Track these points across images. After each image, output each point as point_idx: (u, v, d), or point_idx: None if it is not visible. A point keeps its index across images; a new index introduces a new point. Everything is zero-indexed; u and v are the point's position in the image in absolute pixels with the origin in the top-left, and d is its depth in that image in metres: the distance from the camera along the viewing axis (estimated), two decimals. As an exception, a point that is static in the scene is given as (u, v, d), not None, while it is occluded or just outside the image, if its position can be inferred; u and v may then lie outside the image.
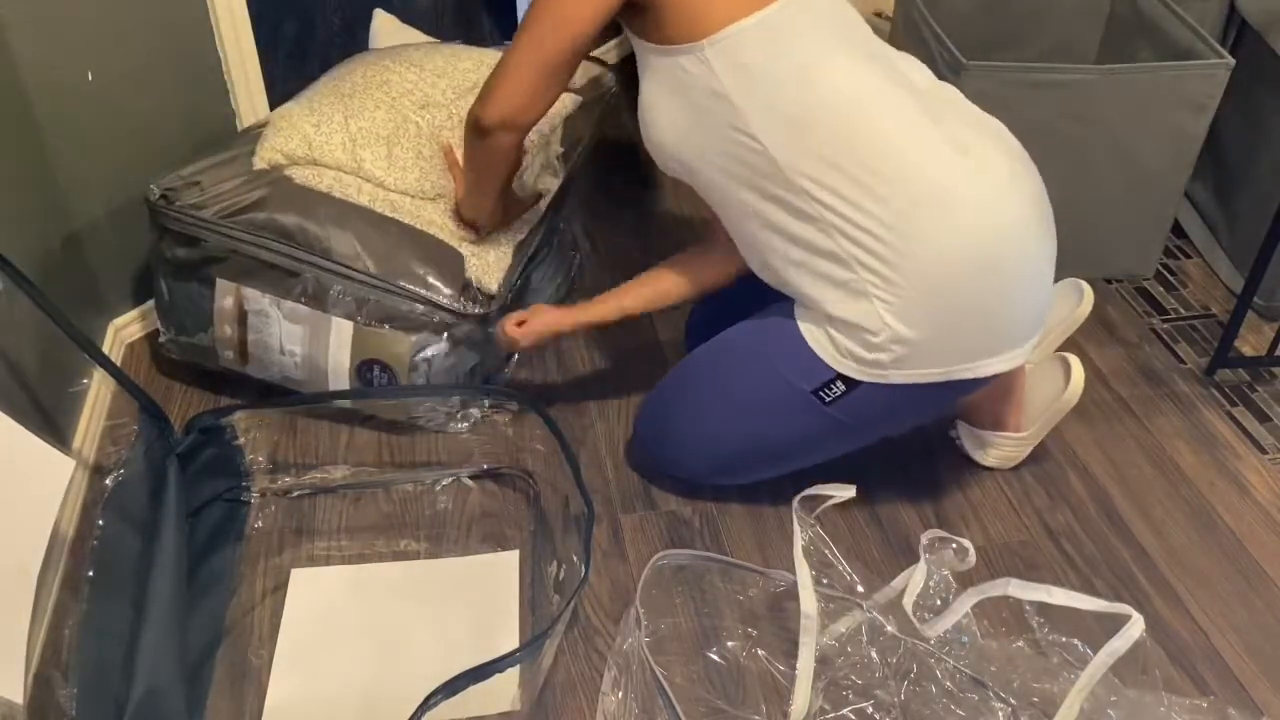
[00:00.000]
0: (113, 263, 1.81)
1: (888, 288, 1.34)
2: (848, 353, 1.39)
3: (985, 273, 1.36)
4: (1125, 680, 1.34)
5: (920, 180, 1.33)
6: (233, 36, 1.80)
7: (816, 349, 1.41)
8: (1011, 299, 1.39)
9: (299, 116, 1.68)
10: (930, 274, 1.34)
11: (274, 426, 1.72)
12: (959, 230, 1.34)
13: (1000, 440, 1.66)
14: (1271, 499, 1.67)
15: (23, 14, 1.54)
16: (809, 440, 1.51)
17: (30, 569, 1.29)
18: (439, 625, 1.45)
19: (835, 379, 1.41)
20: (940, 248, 1.33)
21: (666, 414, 1.62)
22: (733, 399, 1.53)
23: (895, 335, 1.35)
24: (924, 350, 1.37)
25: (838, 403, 1.43)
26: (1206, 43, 1.89)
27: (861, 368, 1.39)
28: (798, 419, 1.47)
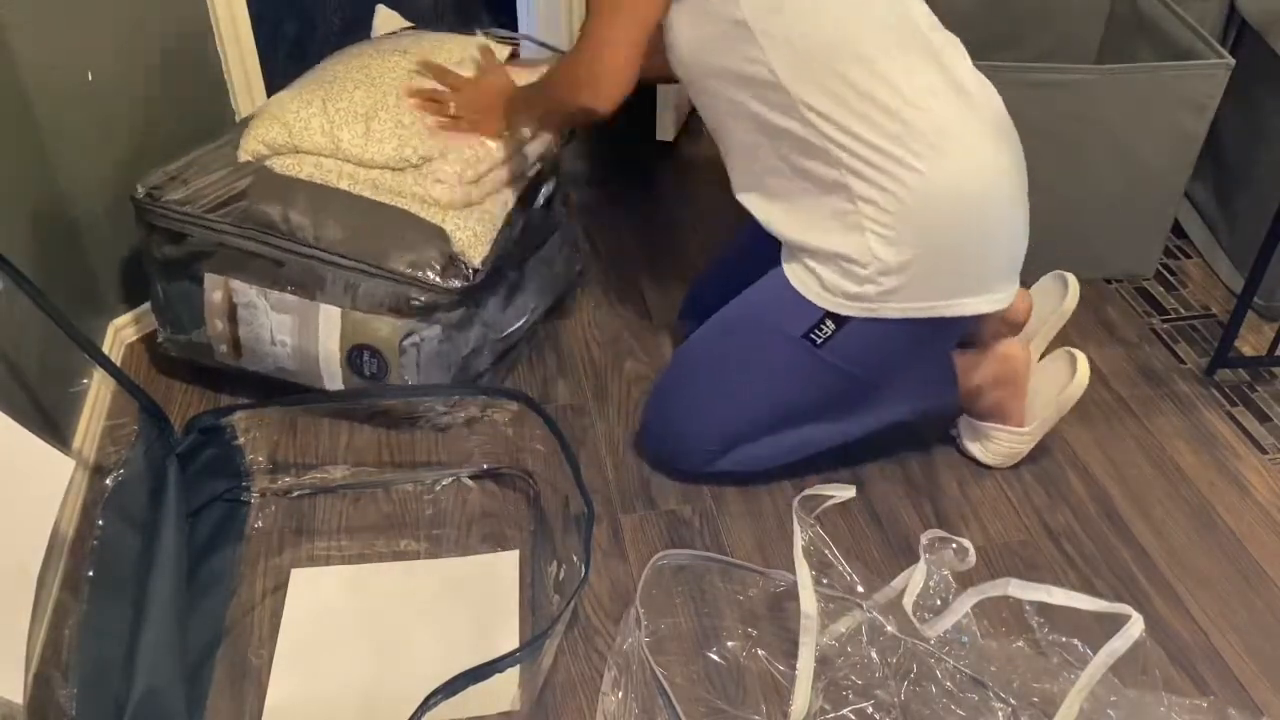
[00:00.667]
0: (113, 263, 1.81)
1: (880, 217, 1.39)
2: (834, 288, 1.43)
3: (975, 210, 1.42)
4: (1125, 680, 1.34)
5: (924, 115, 1.38)
6: (233, 36, 1.80)
7: (802, 289, 1.46)
8: (996, 239, 1.46)
9: (280, 105, 1.67)
10: (924, 205, 1.39)
11: (274, 426, 1.72)
12: (956, 165, 1.39)
13: (1001, 435, 1.66)
14: (1271, 499, 1.67)
15: (23, 14, 1.54)
16: (809, 392, 1.54)
17: (30, 569, 1.29)
18: (439, 625, 1.45)
19: (824, 318, 1.45)
20: (936, 180, 1.38)
21: (671, 400, 1.63)
22: (730, 364, 1.56)
23: (883, 266, 1.40)
24: (910, 284, 1.41)
25: (829, 344, 1.46)
26: (1206, 43, 1.89)
27: (847, 301, 1.43)
28: (794, 369, 1.50)
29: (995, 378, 1.63)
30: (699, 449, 1.61)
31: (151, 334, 1.91)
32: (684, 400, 1.61)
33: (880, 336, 1.46)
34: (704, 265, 1.93)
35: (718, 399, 1.57)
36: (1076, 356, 1.63)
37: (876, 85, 1.37)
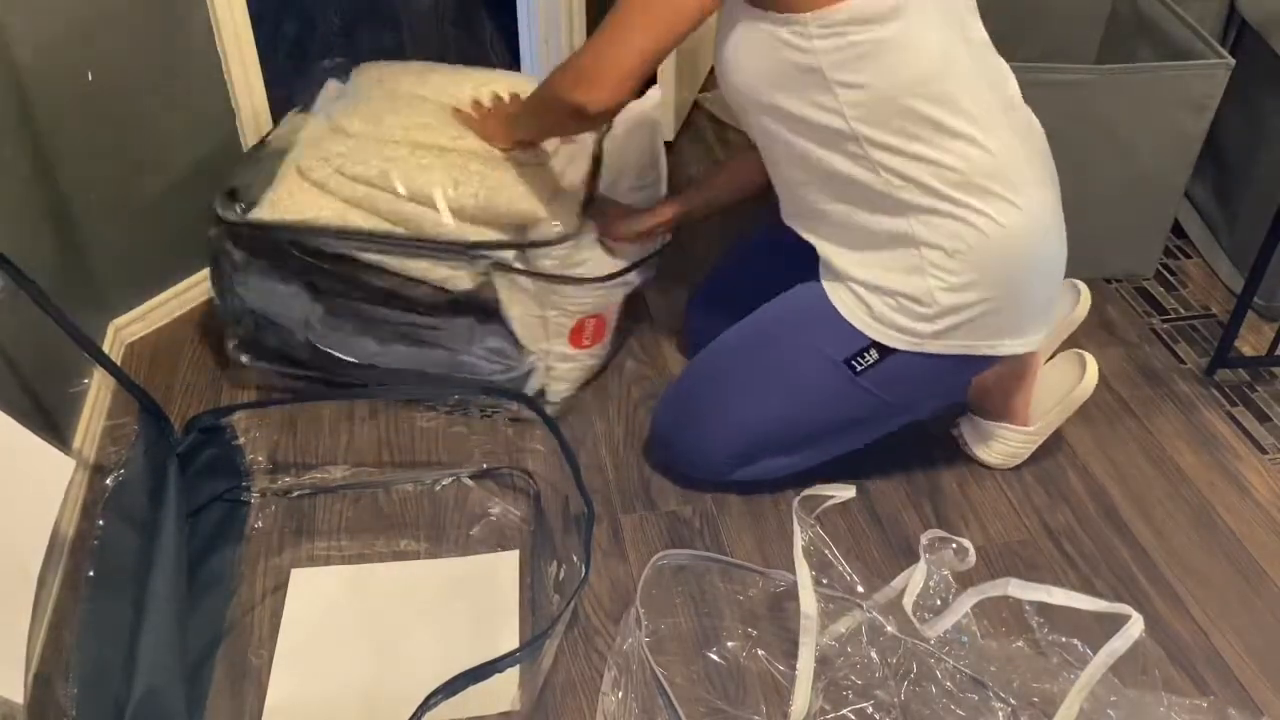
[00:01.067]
0: (113, 263, 1.81)
1: (946, 264, 1.38)
2: (885, 319, 1.42)
3: (1034, 254, 1.42)
4: (1125, 680, 1.34)
5: (992, 160, 1.36)
6: (233, 36, 1.80)
7: (848, 315, 1.44)
8: (1046, 282, 1.46)
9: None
10: (993, 252, 1.38)
11: (274, 426, 1.73)
12: (1021, 212, 1.38)
13: (1006, 434, 1.66)
14: (1271, 499, 1.67)
15: (23, 14, 1.54)
16: (834, 418, 1.53)
17: (30, 569, 1.29)
18: (439, 625, 1.45)
19: (869, 347, 1.44)
20: (1004, 228, 1.37)
21: (690, 403, 1.61)
22: (759, 377, 1.54)
23: (943, 309, 1.39)
24: (965, 324, 1.41)
25: (868, 373, 1.45)
26: (1206, 43, 1.89)
27: (898, 335, 1.42)
28: (826, 392, 1.49)
29: (1004, 376, 1.63)
30: (719, 459, 1.60)
31: (151, 334, 1.91)
32: (708, 408, 1.59)
33: (920, 370, 1.45)
34: (705, 266, 1.92)
35: (745, 410, 1.56)
36: (1086, 358, 1.63)
37: (944, 125, 1.34)
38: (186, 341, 1.89)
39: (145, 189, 1.80)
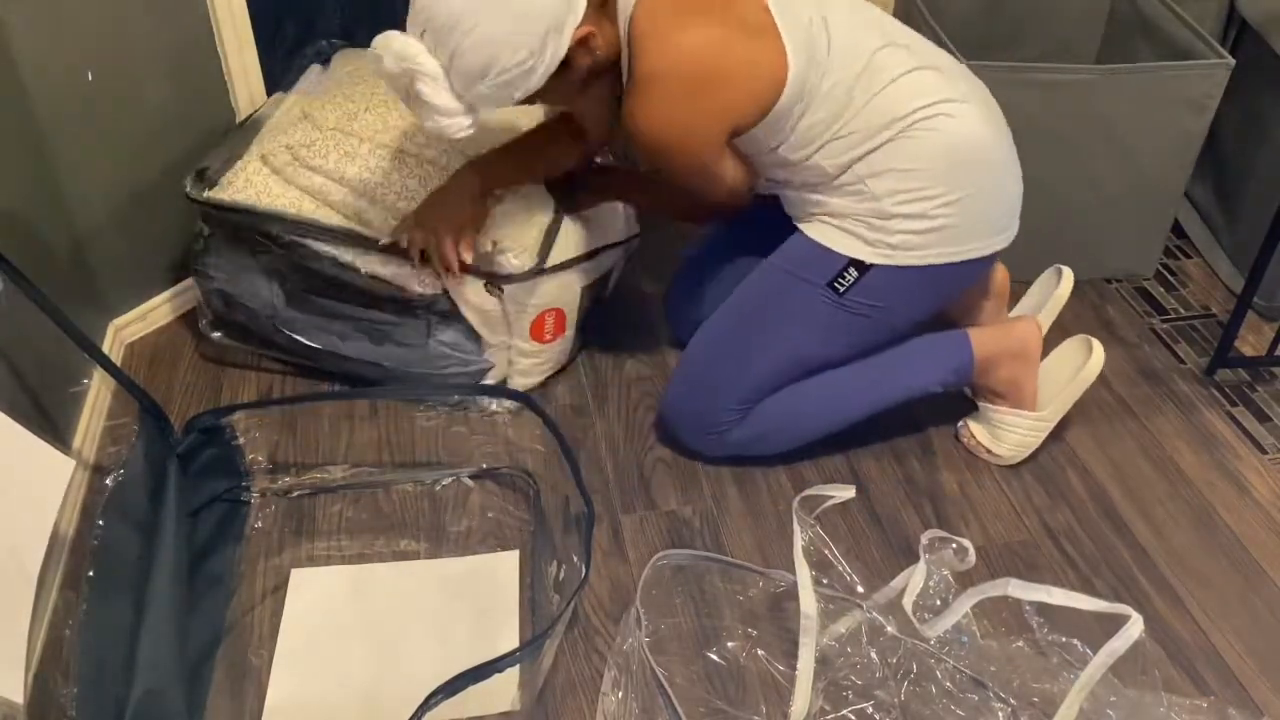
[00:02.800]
0: (113, 263, 1.81)
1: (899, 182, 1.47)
2: (859, 236, 1.51)
3: (982, 153, 1.50)
4: (1125, 680, 1.34)
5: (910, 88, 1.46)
6: (233, 36, 1.80)
7: (825, 241, 1.53)
8: (1002, 187, 1.54)
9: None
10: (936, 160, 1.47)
11: (274, 426, 1.72)
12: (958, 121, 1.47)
13: (1015, 420, 1.67)
14: (1271, 499, 1.67)
15: (23, 14, 1.54)
16: (831, 338, 1.59)
17: (30, 569, 1.29)
18: (439, 625, 1.45)
19: (848, 265, 1.51)
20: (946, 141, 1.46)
21: (701, 362, 1.64)
22: (753, 319, 1.60)
23: (906, 224, 1.48)
24: (928, 235, 1.49)
25: (852, 291, 1.52)
26: (1206, 43, 1.89)
27: (869, 249, 1.50)
28: (816, 315, 1.56)
29: (1009, 351, 1.65)
30: (716, 412, 1.61)
31: (151, 334, 1.91)
32: (716, 360, 1.63)
33: (901, 283, 1.52)
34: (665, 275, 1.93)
35: (740, 352, 1.60)
36: (1092, 342, 1.65)
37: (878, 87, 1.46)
38: (186, 341, 1.89)
39: (145, 189, 1.79)
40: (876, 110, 1.45)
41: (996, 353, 1.64)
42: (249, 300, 1.74)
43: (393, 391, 1.77)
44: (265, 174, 1.68)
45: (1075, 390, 1.65)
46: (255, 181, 1.67)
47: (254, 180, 1.67)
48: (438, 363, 1.74)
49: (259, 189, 1.66)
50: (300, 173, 1.66)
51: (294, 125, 1.72)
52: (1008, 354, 1.65)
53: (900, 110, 1.45)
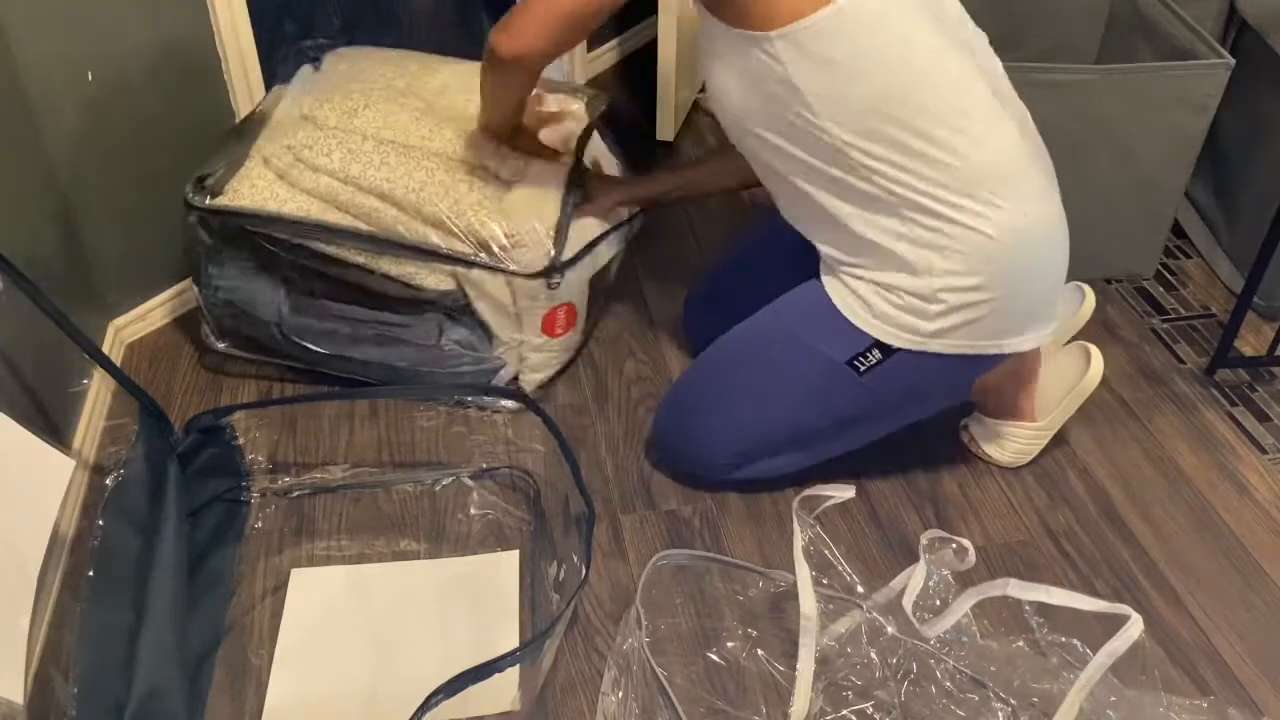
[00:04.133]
0: (113, 263, 1.81)
1: (950, 265, 1.38)
2: (887, 317, 1.42)
3: (1035, 254, 1.42)
4: (1125, 680, 1.34)
5: (986, 163, 1.36)
6: (233, 36, 1.80)
7: (849, 314, 1.44)
8: (1048, 282, 1.47)
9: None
10: (996, 254, 1.38)
11: (274, 426, 1.72)
12: (1022, 213, 1.39)
13: (1015, 431, 1.66)
14: (1271, 499, 1.67)
15: (23, 14, 1.54)
16: (838, 418, 1.53)
17: (30, 569, 1.29)
18: (439, 625, 1.45)
19: (872, 346, 1.44)
20: (1004, 229, 1.37)
21: (692, 403, 1.61)
22: (762, 377, 1.53)
23: (947, 307, 1.40)
24: (967, 324, 1.41)
25: (872, 372, 1.45)
26: (1206, 43, 1.89)
27: (903, 334, 1.42)
28: (829, 393, 1.49)
29: (1007, 376, 1.62)
30: (720, 459, 1.60)
31: (151, 334, 1.91)
32: (709, 407, 1.59)
33: (924, 369, 1.44)
34: (704, 265, 1.93)
35: (746, 411, 1.56)
36: (1090, 349, 1.63)
37: (936, 134, 1.33)
38: (186, 341, 1.89)
39: (145, 189, 1.79)
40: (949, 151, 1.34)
41: (993, 381, 1.61)
42: (255, 310, 1.73)
43: (393, 391, 1.77)
44: (269, 178, 1.66)
45: (1075, 401, 1.64)
46: (260, 186, 1.65)
47: (258, 185, 1.65)
48: (450, 362, 1.73)
49: (264, 194, 1.64)
50: (305, 174, 1.64)
51: (295, 126, 1.71)
52: (1005, 378, 1.62)
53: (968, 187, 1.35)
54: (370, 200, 1.63)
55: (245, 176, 1.66)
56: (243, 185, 1.65)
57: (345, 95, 1.75)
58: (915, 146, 1.33)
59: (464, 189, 1.64)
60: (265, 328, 1.74)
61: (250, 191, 1.65)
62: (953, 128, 1.34)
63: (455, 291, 1.66)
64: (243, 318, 1.74)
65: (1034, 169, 1.43)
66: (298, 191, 1.65)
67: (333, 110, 1.72)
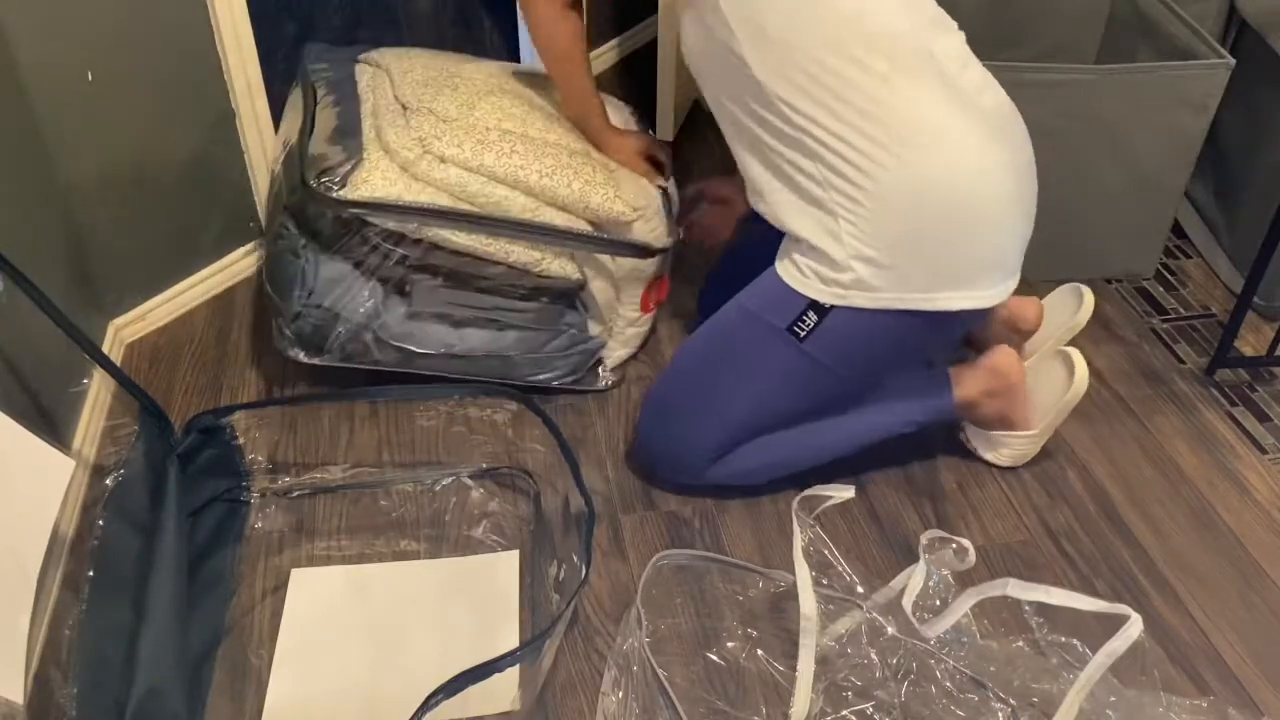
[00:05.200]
0: (113, 263, 1.81)
1: (854, 207, 1.41)
2: (811, 273, 1.46)
3: (954, 205, 1.42)
4: (1125, 680, 1.34)
5: (901, 111, 1.39)
6: (233, 36, 1.80)
7: (787, 279, 1.48)
8: (979, 235, 1.45)
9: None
10: (896, 199, 1.40)
11: (274, 426, 1.73)
12: (934, 161, 1.40)
13: (1010, 439, 1.66)
14: (1271, 499, 1.67)
15: (23, 14, 1.54)
16: (794, 389, 1.54)
17: (30, 569, 1.29)
18: (439, 625, 1.45)
19: (806, 309, 1.46)
20: (910, 175, 1.40)
21: (666, 402, 1.62)
22: (719, 362, 1.56)
23: (855, 252, 1.42)
24: (885, 276, 1.42)
25: (812, 337, 1.47)
26: (1206, 43, 1.89)
27: (823, 286, 1.45)
28: (778, 364, 1.51)
29: (988, 390, 1.62)
30: (691, 453, 1.59)
31: (152, 334, 1.91)
32: (676, 402, 1.60)
33: (862, 330, 1.46)
34: (703, 266, 1.93)
35: (708, 398, 1.57)
36: (1072, 356, 1.61)
37: (853, 78, 1.38)
38: (186, 341, 1.89)
39: (145, 189, 1.80)
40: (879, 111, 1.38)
41: (977, 394, 1.62)
42: (349, 311, 1.66)
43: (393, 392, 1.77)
44: (395, 170, 1.59)
45: (1063, 411, 1.63)
46: (391, 177, 1.58)
47: (389, 176, 1.58)
48: (562, 345, 1.75)
49: (396, 185, 1.58)
50: (434, 165, 1.58)
51: (411, 120, 1.64)
52: (989, 393, 1.62)
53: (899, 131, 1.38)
54: (500, 190, 1.60)
55: (373, 168, 1.58)
56: (372, 176, 1.57)
57: (453, 89, 1.71)
58: (832, 83, 1.38)
59: (586, 171, 1.65)
60: (358, 332, 1.68)
61: (381, 183, 1.57)
62: (865, 74, 1.38)
63: (580, 276, 1.69)
64: (332, 323, 1.67)
65: (956, 121, 1.42)
66: (423, 184, 1.60)
67: (450, 102, 1.67)
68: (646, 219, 1.67)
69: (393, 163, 1.60)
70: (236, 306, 1.97)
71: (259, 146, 1.93)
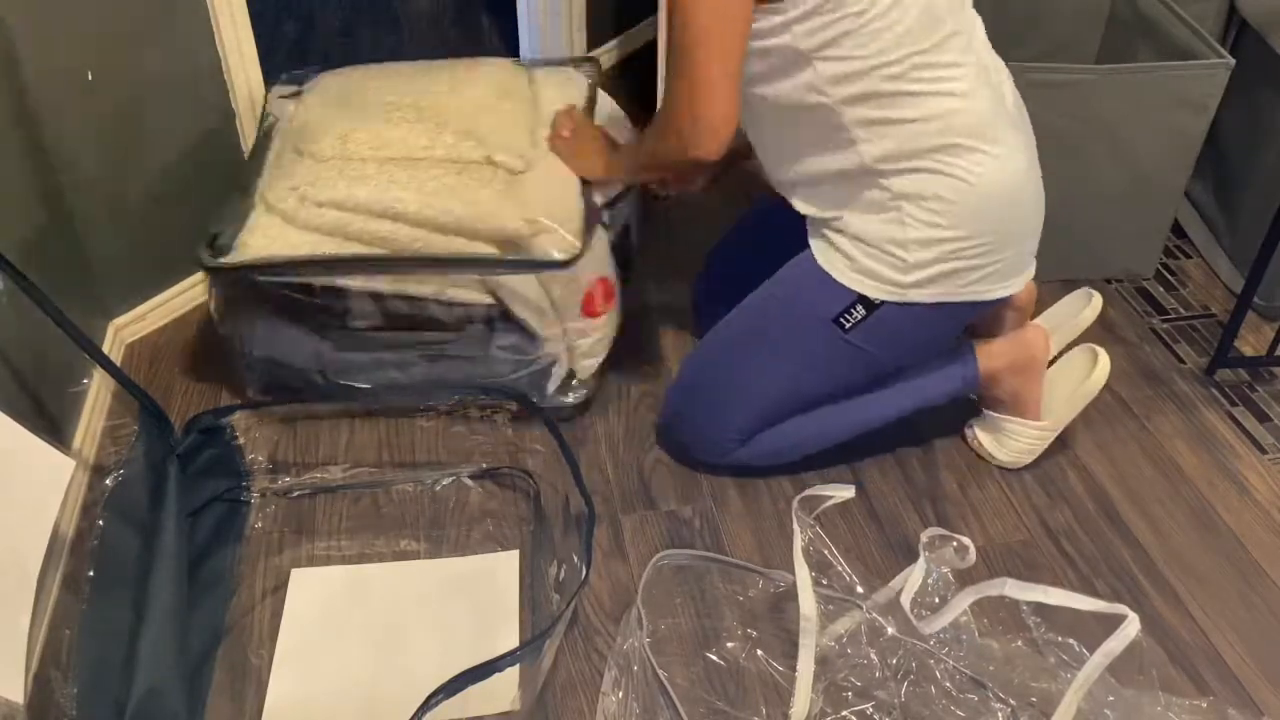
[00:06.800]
0: (113, 263, 1.81)
1: (924, 217, 1.41)
2: (869, 271, 1.45)
3: (1010, 206, 1.44)
4: (1123, 680, 1.34)
5: (969, 117, 1.38)
6: (233, 36, 1.80)
7: (831, 270, 1.47)
8: (1024, 229, 1.49)
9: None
10: (966, 205, 1.40)
11: (274, 426, 1.73)
12: (995, 167, 1.41)
13: (1018, 429, 1.67)
14: (1271, 499, 1.67)
15: (23, 14, 1.54)
16: (833, 374, 1.56)
17: (30, 569, 1.29)
18: (439, 625, 1.45)
19: (855, 302, 1.46)
20: (980, 179, 1.40)
21: (698, 383, 1.63)
22: (758, 346, 1.56)
23: (923, 259, 1.42)
24: (945, 274, 1.44)
25: (857, 329, 1.48)
26: (1206, 43, 1.89)
27: (883, 287, 1.45)
28: (820, 353, 1.52)
29: (1014, 364, 1.63)
30: (721, 435, 1.61)
31: (152, 334, 1.91)
32: (710, 384, 1.61)
33: (907, 321, 1.48)
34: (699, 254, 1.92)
35: (743, 381, 1.58)
36: (1098, 352, 1.64)
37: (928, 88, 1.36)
38: (186, 341, 1.90)
39: (145, 189, 1.80)
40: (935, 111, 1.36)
41: (1002, 366, 1.63)
42: (294, 360, 1.69)
43: (393, 393, 1.77)
44: (278, 224, 1.59)
45: (1079, 402, 1.65)
46: (271, 234, 1.58)
47: (269, 232, 1.59)
48: (501, 369, 1.70)
49: (276, 241, 1.58)
50: (312, 212, 1.58)
51: (293, 165, 1.64)
52: (1013, 368, 1.63)
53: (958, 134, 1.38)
54: (384, 224, 1.58)
55: (253, 228, 1.60)
56: (252, 237, 1.59)
57: (333, 123, 1.68)
58: (900, 99, 1.36)
59: (475, 188, 1.60)
60: (306, 376, 1.70)
61: (262, 241, 1.58)
62: (934, 82, 1.36)
63: (490, 299, 1.64)
64: (282, 370, 1.70)
65: (1006, 116, 1.44)
66: (308, 232, 1.59)
67: (326, 140, 1.64)
68: (548, 230, 1.56)
69: (274, 216, 1.60)
70: (236, 306, 1.97)
71: (259, 146, 1.93)
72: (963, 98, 1.38)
